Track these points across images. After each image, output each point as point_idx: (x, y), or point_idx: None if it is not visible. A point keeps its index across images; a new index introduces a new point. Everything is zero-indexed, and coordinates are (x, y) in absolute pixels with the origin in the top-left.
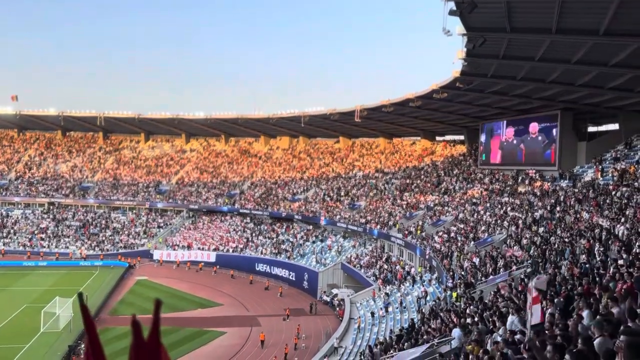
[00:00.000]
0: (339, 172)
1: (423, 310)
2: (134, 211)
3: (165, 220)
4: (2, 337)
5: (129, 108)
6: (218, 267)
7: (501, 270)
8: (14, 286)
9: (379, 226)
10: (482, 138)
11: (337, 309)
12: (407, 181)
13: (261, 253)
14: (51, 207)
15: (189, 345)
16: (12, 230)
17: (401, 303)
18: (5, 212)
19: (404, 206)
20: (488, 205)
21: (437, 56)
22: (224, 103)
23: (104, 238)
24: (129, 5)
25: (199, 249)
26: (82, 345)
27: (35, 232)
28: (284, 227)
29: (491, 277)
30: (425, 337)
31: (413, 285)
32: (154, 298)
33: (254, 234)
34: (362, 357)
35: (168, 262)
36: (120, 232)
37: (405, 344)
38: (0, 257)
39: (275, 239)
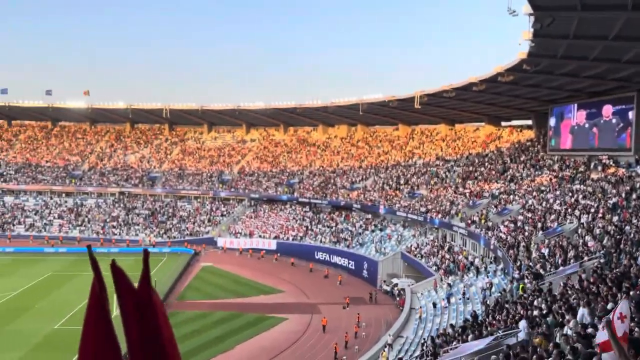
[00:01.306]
0: (398, 160)
1: (487, 302)
2: (199, 200)
3: (228, 209)
4: (80, 318)
5: (192, 100)
6: (279, 254)
7: (572, 261)
8: (89, 271)
9: (440, 215)
10: (552, 122)
11: (398, 298)
12: (470, 169)
13: (320, 241)
14: (122, 196)
15: (252, 330)
16: (86, 219)
17: (464, 294)
18: (80, 201)
19: (467, 194)
20: (558, 193)
21: (493, 40)
22: (282, 93)
23: (171, 226)
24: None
25: (260, 236)
26: None
27: (108, 220)
28: (343, 215)
29: (561, 268)
30: (489, 329)
31: (477, 276)
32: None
33: (313, 223)
34: (424, 347)
35: (231, 250)
36: (186, 220)
37: (469, 335)
38: (76, 244)
39: (334, 228)
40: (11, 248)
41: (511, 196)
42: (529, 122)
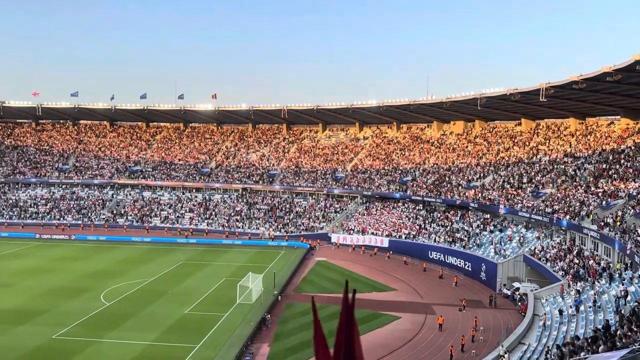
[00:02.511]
0: (520, 157)
1: (622, 312)
2: (314, 196)
3: (341, 206)
4: (207, 304)
5: (308, 100)
6: (391, 252)
7: None
8: (216, 261)
9: (568, 216)
10: None
11: (519, 303)
12: (604, 166)
13: (434, 241)
14: (244, 192)
15: (365, 326)
16: (213, 212)
17: (595, 302)
18: (208, 196)
19: (600, 194)
20: None
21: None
22: (396, 90)
23: (288, 221)
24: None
25: (372, 234)
26: (269, 317)
27: (232, 214)
28: (459, 215)
29: None
30: (624, 340)
31: (610, 283)
32: (344, 280)
33: (426, 221)
34: (548, 356)
35: (344, 245)
36: (302, 216)
37: (600, 346)
38: (205, 235)
39: (449, 227)
40: (149, 238)
41: None
42: None
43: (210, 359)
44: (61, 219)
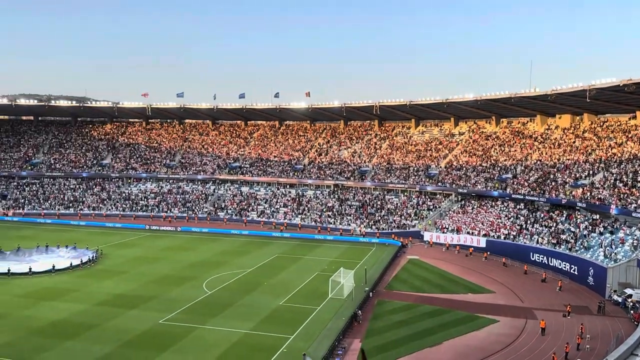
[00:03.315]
0: (635, 153)
1: None
2: (406, 193)
3: (435, 203)
4: (300, 297)
5: (400, 96)
6: (488, 253)
7: None
8: (308, 255)
9: None
10: None
11: (632, 311)
12: None
13: (537, 242)
14: (336, 188)
15: (461, 328)
16: (306, 208)
17: None
18: (301, 192)
19: None
20: None
21: None
22: (495, 83)
23: (379, 218)
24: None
25: (468, 233)
26: (360, 313)
27: (324, 210)
28: (564, 215)
29: None
30: None
31: None
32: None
33: (528, 222)
34: None
35: (437, 244)
36: (394, 213)
37: None
38: (298, 230)
39: (553, 228)
40: (246, 231)
41: None
42: None
43: (304, 350)
44: (168, 211)
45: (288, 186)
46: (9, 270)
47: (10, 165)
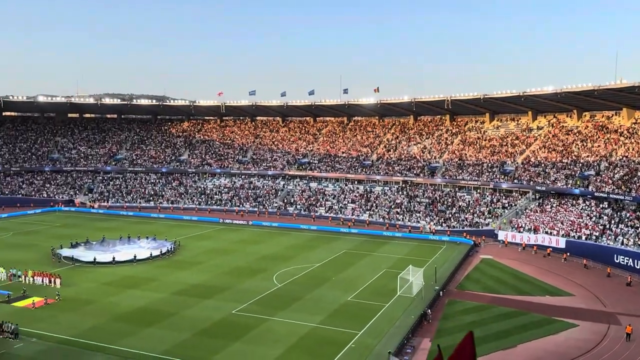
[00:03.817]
0: None
1: None
2: (479, 191)
3: (510, 201)
4: (368, 293)
5: (473, 89)
6: (568, 254)
7: None
8: (376, 252)
9: None
10: None
11: None
12: None
13: (622, 244)
14: (405, 184)
15: (537, 331)
16: (374, 204)
17: None
18: (369, 188)
19: None
20: None
21: None
22: (575, 74)
23: (450, 215)
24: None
25: (546, 233)
26: (430, 312)
27: (392, 206)
28: None
29: None
30: None
31: None
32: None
33: (612, 221)
34: None
35: (513, 244)
36: (465, 211)
37: None
38: (366, 226)
39: None
40: (314, 226)
41: None
42: None
43: (373, 347)
44: (240, 206)
45: (356, 182)
46: (94, 259)
47: (96, 161)
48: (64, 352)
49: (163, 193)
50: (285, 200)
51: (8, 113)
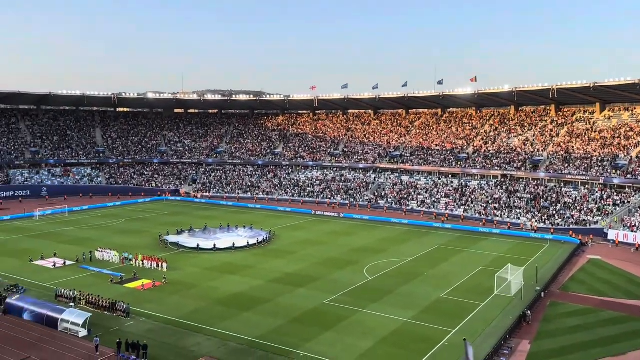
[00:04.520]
0: None
1: None
2: (587, 186)
3: (622, 198)
4: (463, 291)
5: (582, 77)
6: None
7: None
8: (471, 249)
9: None
10: None
11: None
12: None
13: None
14: (504, 179)
15: None
16: (470, 199)
17: None
18: (465, 182)
19: None
20: None
21: None
22: None
23: (554, 212)
24: None
25: None
26: (530, 313)
27: (490, 201)
28: None
29: None
30: None
31: None
32: (624, 284)
33: None
34: None
35: (624, 244)
36: (572, 208)
37: None
38: (460, 222)
39: None
40: (406, 220)
41: None
42: None
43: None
44: (331, 198)
45: (450, 176)
46: (198, 245)
47: (199, 153)
48: (169, 332)
49: (259, 184)
50: (376, 194)
51: (121, 109)
